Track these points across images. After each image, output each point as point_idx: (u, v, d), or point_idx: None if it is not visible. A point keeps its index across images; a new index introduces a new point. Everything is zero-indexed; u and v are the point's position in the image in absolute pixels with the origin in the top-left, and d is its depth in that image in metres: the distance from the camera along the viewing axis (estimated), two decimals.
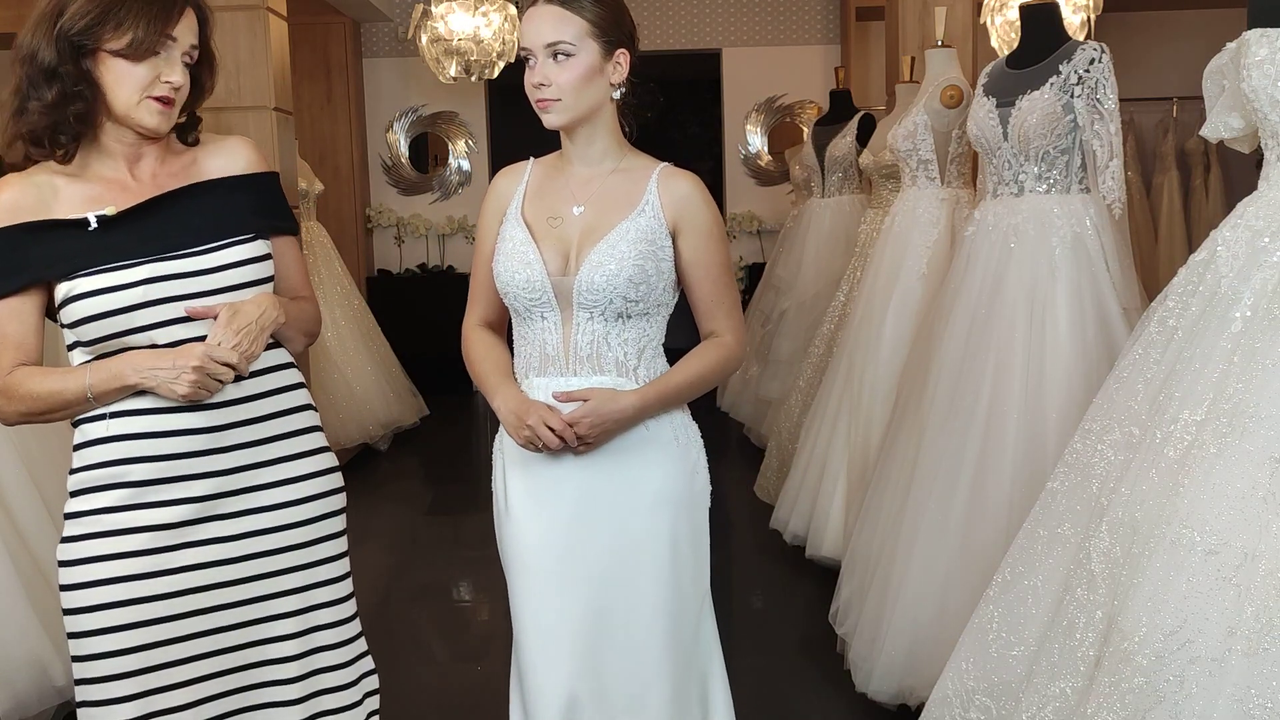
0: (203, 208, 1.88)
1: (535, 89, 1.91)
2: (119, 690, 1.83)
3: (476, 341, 2.05)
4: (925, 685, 2.66)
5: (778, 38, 8.40)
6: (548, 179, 2.01)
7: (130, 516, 1.82)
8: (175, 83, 1.82)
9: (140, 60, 1.79)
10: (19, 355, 1.82)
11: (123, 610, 1.82)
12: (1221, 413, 1.77)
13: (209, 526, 1.86)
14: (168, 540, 1.84)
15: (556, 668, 1.93)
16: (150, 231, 1.84)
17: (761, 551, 4.57)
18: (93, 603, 1.82)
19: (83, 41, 1.77)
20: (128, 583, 1.83)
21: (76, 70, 1.78)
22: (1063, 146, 2.92)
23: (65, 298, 1.80)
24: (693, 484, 2.00)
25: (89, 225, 1.82)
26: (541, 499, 1.96)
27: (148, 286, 1.80)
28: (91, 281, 1.79)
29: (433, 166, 8.64)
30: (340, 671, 2.00)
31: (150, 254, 1.82)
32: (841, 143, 5.66)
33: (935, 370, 3.08)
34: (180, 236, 1.84)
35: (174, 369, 1.76)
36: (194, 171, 1.93)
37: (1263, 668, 1.60)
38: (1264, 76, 1.90)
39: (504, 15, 6.50)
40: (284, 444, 1.92)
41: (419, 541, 5.21)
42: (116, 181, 1.87)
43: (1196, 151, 7.63)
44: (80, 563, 1.82)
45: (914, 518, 2.97)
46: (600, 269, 1.89)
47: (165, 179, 1.90)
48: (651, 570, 1.95)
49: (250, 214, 1.92)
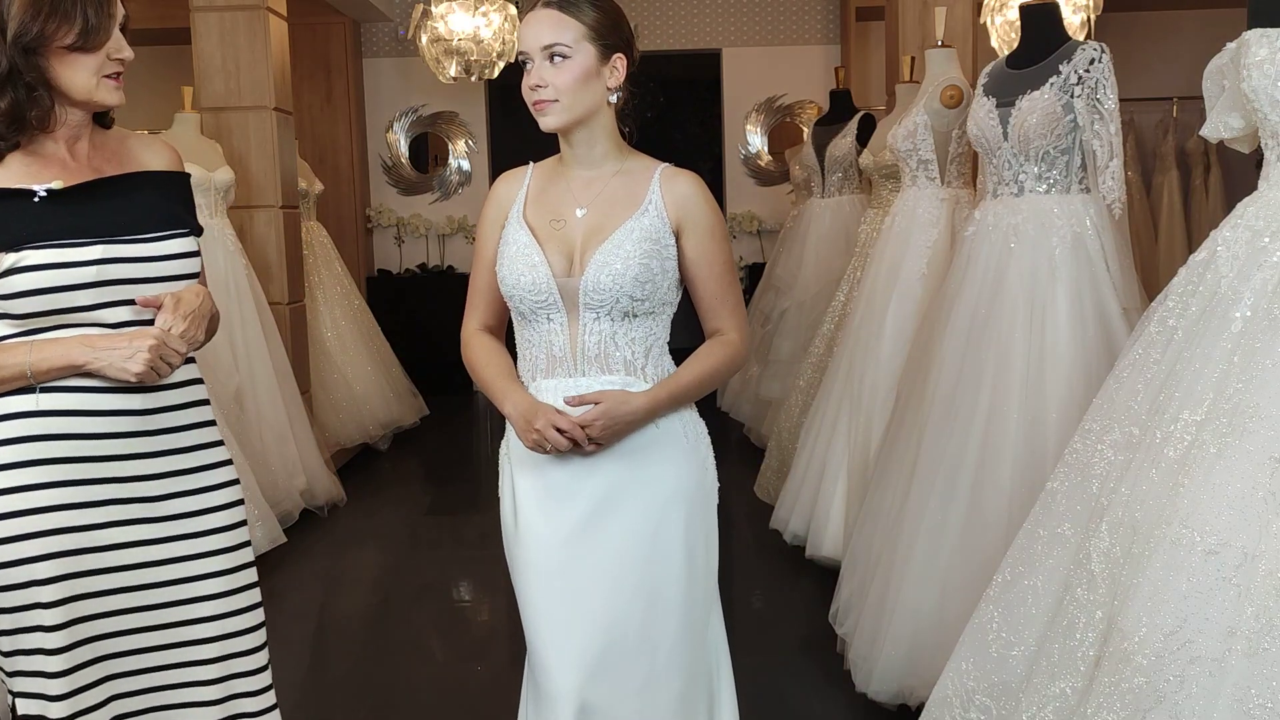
0: (146, 197, 1.91)
1: (531, 91, 1.92)
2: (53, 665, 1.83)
3: (478, 346, 2.05)
4: (925, 685, 2.66)
5: (778, 38, 8.40)
6: (549, 182, 2.02)
7: (56, 494, 1.81)
8: (126, 56, 1.84)
9: (96, 49, 1.81)
10: None
11: (50, 588, 1.81)
12: (1221, 413, 1.77)
13: (134, 508, 1.87)
14: (92, 519, 1.83)
15: (571, 671, 1.92)
16: (98, 212, 1.85)
17: (761, 551, 4.57)
18: (20, 581, 1.80)
19: (32, 45, 1.77)
20: (56, 560, 1.81)
21: (29, 74, 1.78)
22: (1063, 146, 2.92)
23: (10, 267, 1.78)
24: (704, 480, 2.02)
25: (34, 196, 1.81)
26: (553, 502, 1.96)
27: (100, 267, 1.81)
28: (42, 255, 1.78)
29: (433, 166, 8.65)
30: (254, 676, 2.00)
31: (100, 235, 1.83)
32: (841, 143, 5.67)
33: (935, 370, 3.08)
34: (127, 222, 1.86)
35: (130, 349, 1.77)
36: (127, 159, 1.96)
37: (1263, 668, 1.60)
38: (1264, 76, 1.90)
39: (504, 15, 6.50)
40: (200, 454, 1.95)
41: (419, 541, 5.21)
42: (56, 158, 1.87)
43: (1196, 151, 7.63)
44: (6, 541, 1.80)
45: (914, 518, 2.98)
46: (606, 269, 1.90)
47: (99, 160, 1.92)
48: (666, 568, 1.95)
49: (184, 210, 1.97)
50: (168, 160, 2.01)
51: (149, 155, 1.99)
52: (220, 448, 2.00)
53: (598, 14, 1.92)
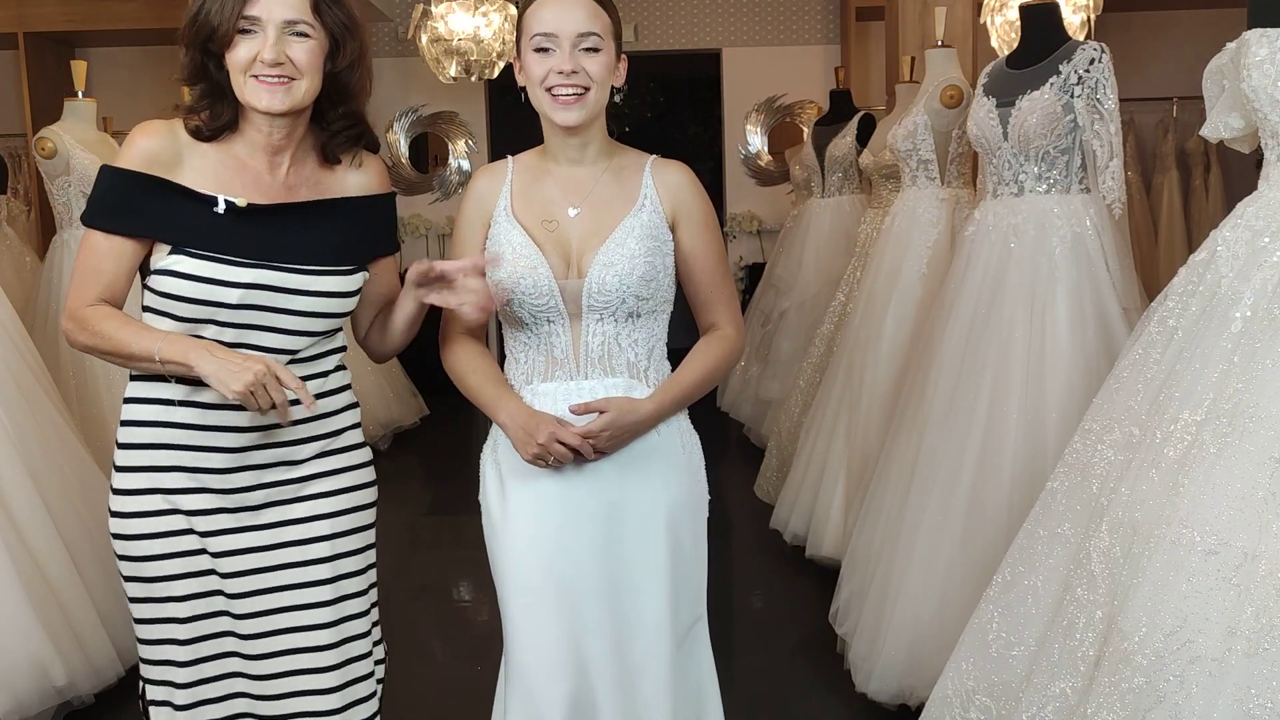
0: (322, 229, 1.91)
1: (559, 75, 1.84)
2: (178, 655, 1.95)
3: (461, 351, 1.98)
4: (925, 685, 2.66)
5: (778, 38, 8.40)
6: (533, 179, 1.96)
7: (177, 500, 1.90)
8: (268, 59, 1.80)
9: (229, 47, 1.81)
10: (106, 293, 1.85)
11: (177, 583, 1.92)
12: (1221, 413, 1.77)
13: (242, 516, 1.94)
14: (208, 525, 1.92)
15: (557, 685, 1.88)
16: (267, 238, 1.85)
17: (761, 551, 4.57)
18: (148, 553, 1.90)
19: (204, 43, 1.82)
20: (180, 559, 1.91)
21: (208, 71, 1.84)
22: (1063, 146, 2.92)
23: (166, 266, 1.82)
24: (697, 496, 1.99)
25: (215, 206, 1.83)
26: (544, 514, 1.91)
27: (246, 291, 1.83)
28: (196, 265, 1.82)
29: (433, 166, 8.64)
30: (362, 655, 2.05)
31: (259, 259, 1.84)
32: (841, 143, 5.66)
33: (935, 370, 3.08)
34: (292, 251, 1.87)
35: (240, 367, 1.75)
36: (327, 183, 1.95)
37: (1263, 668, 1.60)
38: (1264, 76, 1.90)
39: (504, 15, 6.50)
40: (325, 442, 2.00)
41: (419, 541, 5.21)
42: (252, 169, 1.89)
43: (1196, 151, 7.62)
44: (132, 516, 1.90)
45: (914, 518, 2.98)
46: (611, 268, 1.86)
47: (297, 183, 1.92)
48: (656, 586, 1.91)
49: (360, 242, 1.96)
50: (376, 183, 2.00)
51: (355, 179, 1.98)
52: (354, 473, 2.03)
53: (614, 14, 1.90)
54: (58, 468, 3.25)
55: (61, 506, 3.18)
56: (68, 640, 3.02)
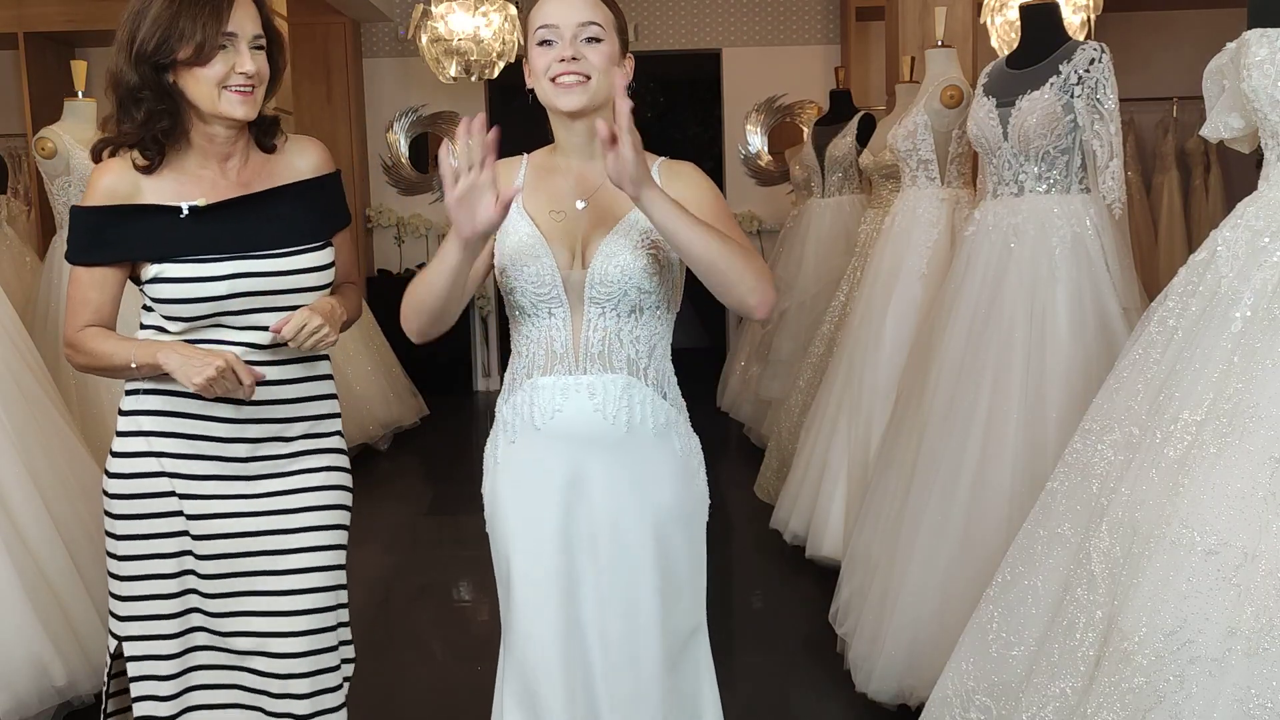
0: (285, 212, 2.07)
1: (561, 64, 1.85)
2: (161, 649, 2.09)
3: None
4: (925, 685, 2.66)
5: (778, 38, 8.39)
6: (544, 173, 1.97)
7: (170, 475, 2.06)
8: (248, 71, 1.96)
9: (207, 63, 1.94)
10: (94, 318, 2.04)
11: (161, 561, 2.07)
12: (1221, 413, 1.77)
13: (234, 501, 2.08)
14: (199, 499, 2.07)
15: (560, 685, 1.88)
16: (236, 229, 2.02)
17: (761, 551, 4.57)
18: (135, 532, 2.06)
19: (159, 60, 1.93)
20: (165, 532, 2.07)
21: (159, 88, 1.95)
22: (1063, 146, 2.92)
23: (154, 276, 2.00)
24: (696, 499, 1.98)
25: (180, 213, 2.00)
26: (542, 512, 1.91)
27: (232, 281, 1.99)
28: (181, 269, 1.99)
29: (433, 167, 8.64)
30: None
31: (235, 250, 2.01)
32: (841, 143, 5.66)
33: (935, 370, 3.08)
34: (262, 238, 2.03)
35: (200, 363, 1.93)
36: (277, 170, 2.11)
37: (1263, 668, 1.60)
38: (1264, 76, 1.90)
39: (504, 15, 6.50)
40: (309, 439, 2.15)
41: (419, 541, 5.22)
42: (206, 177, 2.04)
43: (1196, 151, 7.63)
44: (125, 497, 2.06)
45: (914, 518, 2.98)
46: (613, 259, 1.86)
47: (250, 177, 2.08)
48: (654, 592, 1.91)
49: (320, 220, 2.12)
50: (315, 163, 2.15)
51: (301, 161, 2.13)
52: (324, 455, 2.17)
53: (618, 10, 1.93)
54: (58, 468, 3.26)
55: (61, 507, 3.18)
56: (68, 640, 3.02)
